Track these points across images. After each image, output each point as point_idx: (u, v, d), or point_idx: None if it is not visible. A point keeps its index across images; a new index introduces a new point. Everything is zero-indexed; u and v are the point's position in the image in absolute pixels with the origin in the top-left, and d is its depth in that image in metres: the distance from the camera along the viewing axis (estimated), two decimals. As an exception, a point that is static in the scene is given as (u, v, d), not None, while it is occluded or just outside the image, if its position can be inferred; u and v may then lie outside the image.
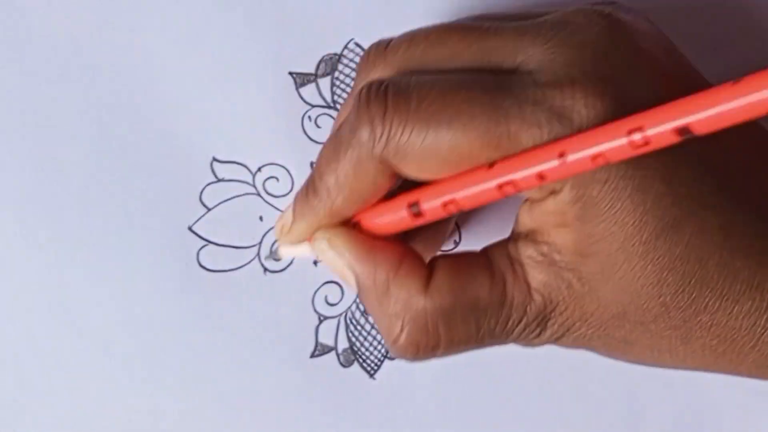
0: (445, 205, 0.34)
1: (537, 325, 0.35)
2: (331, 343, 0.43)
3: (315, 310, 0.43)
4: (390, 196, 0.35)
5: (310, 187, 0.36)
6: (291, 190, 0.43)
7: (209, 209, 0.42)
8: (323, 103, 0.42)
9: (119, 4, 0.42)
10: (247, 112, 0.42)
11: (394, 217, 0.35)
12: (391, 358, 0.43)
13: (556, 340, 0.36)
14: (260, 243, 0.43)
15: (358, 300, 0.43)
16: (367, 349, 0.43)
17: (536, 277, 0.34)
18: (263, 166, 0.42)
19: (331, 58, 0.42)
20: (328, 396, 0.43)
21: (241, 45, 0.42)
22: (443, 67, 0.34)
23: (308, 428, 0.43)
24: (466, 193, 0.33)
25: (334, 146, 0.34)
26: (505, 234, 0.36)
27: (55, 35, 0.41)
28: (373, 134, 0.33)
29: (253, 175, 0.42)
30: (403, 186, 0.35)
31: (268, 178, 0.42)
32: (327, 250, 0.36)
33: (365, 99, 0.33)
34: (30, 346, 0.42)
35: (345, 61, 0.42)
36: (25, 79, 0.41)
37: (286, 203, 0.42)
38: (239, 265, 0.42)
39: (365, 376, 0.43)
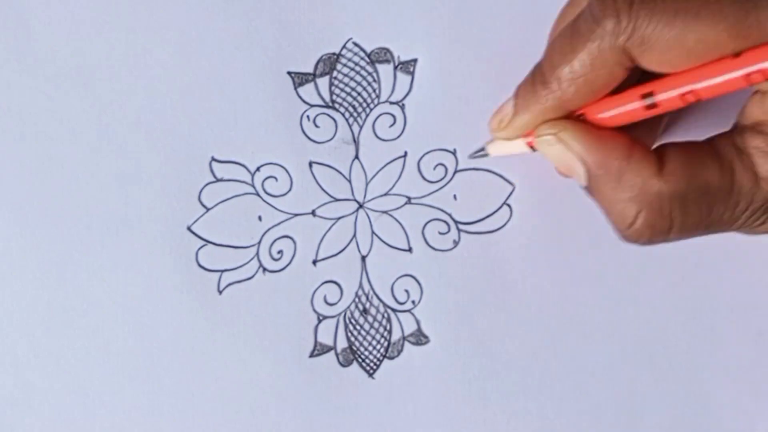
0: (683, 95, 0.34)
1: (763, 212, 0.36)
2: (330, 342, 0.43)
3: (314, 310, 0.43)
4: (614, 90, 0.36)
5: (538, 77, 0.36)
6: (290, 190, 0.42)
7: (208, 209, 0.42)
8: (322, 103, 0.42)
9: (118, 4, 0.42)
10: (245, 111, 0.42)
11: (624, 110, 0.36)
12: (390, 358, 0.43)
13: None
14: (259, 242, 0.43)
15: (357, 299, 0.43)
16: (366, 349, 0.43)
17: (763, 166, 0.35)
18: (262, 165, 0.42)
19: (329, 58, 0.42)
20: (327, 395, 0.43)
21: (240, 45, 0.42)
22: None
23: (307, 427, 0.43)
24: (709, 83, 0.33)
25: (570, 36, 0.35)
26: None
27: (55, 35, 0.42)
28: (618, 25, 0.33)
29: (252, 175, 0.42)
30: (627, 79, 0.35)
31: (267, 178, 0.42)
32: (554, 143, 0.36)
33: None
34: (30, 346, 0.42)
35: (343, 60, 0.42)
36: (24, 79, 0.42)
37: (285, 203, 0.42)
38: (238, 264, 0.42)
39: (364, 375, 0.43)
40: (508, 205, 0.43)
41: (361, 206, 0.43)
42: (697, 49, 0.33)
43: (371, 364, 0.43)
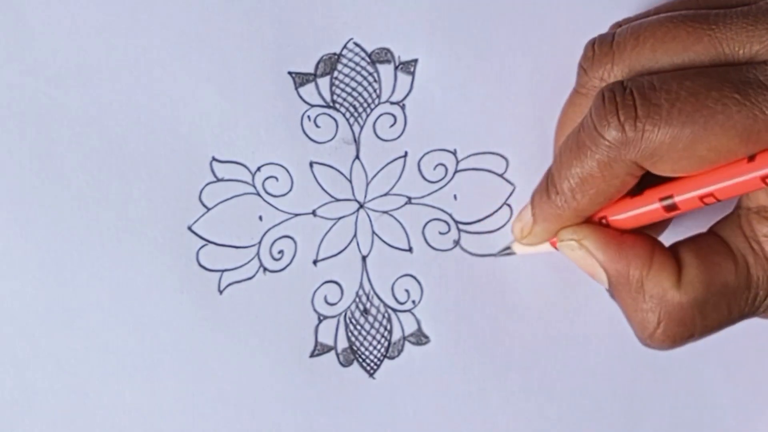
0: (701, 198, 0.35)
1: None
2: (330, 342, 0.43)
3: (314, 310, 0.43)
4: (631, 191, 0.36)
5: (551, 188, 0.36)
6: (290, 190, 0.42)
7: (209, 209, 0.42)
8: (322, 103, 0.42)
9: (118, 4, 0.42)
10: (246, 111, 0.42)
11: (644, 211, 0.36)
12: (391, 358, 0.43)
13: None
14: (260, 242, 0.43)
15: (357, 299, 0.43)
16: (366, 349, 0.43)
17: None
18: (262, 165, 0.42)
19: (330, 58, 0.42)
20: (328, 395, 0.43)
21: (241, 45, 0.42)
22: (676, 62, 0.34)
23: (307, 427, 0.43)
24: (726, 185, 0.34)
25: (576, 147, 0.35)
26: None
27: (55, 35, 0.42)
28: (624, 139, 0.33)
29: (253, 175, 0.42)
30: (643, 180, 0.36)
31: (268, 178, 0.42)
32: (576, 248, 0.37)
33: (610, 103, 0.34)
34: (30, 346, 0.42)
35: (344, 60, 0.42)
36: (24, 79, 0.41)
37: (285, 203, 0.42)
38: (239, 264, 0.42)
39: (365, 375, 0.43)
40: (509, 206, 0.43)
41: (361, 206, 0.43)
42: (708, 157, 0.33)
43: (372, 364, 0.43)
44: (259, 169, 0.42)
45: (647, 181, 0.36)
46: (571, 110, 0.38)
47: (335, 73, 0.42)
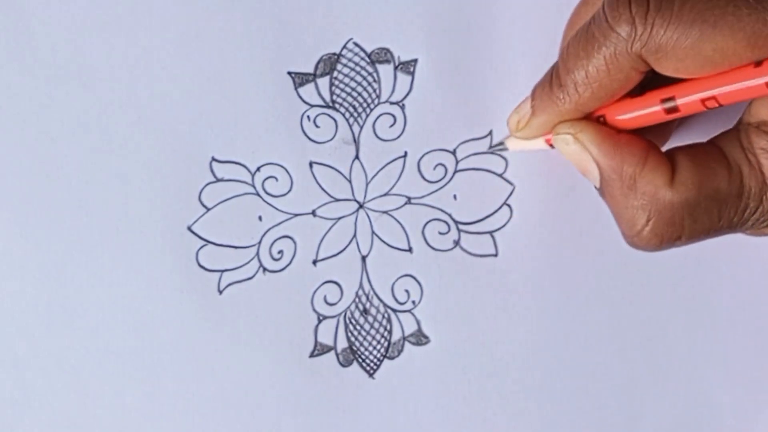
0: (704, 101, 0.35)
1: None
2: (330, 342, 0.43)
3: (314, 310, 0.43)
4: (633, 92, 0.36)
5: (555, 81, 0.36)
6: (290, 190, 0.42)
7: (208, 209, 0.42)
8: (322, 103, 0.42)
9: (118, 4, 0.42)
10: (245, 111, 0.42)
11: (644, 113, 0.36)
12: (391, 358, 0.43)
13: None
14: (259, 243, 0.43)
15: (357, 300, 0.43)
16: (366, 349, 0.43)
17: None
18: (262, 165, 0.42)
19: (329, 58, 0.42)
20: (328, 395, 0.43)
21: (240, 45, 0.42)
22: None
23: (307, 427, 0.43)
24: (730, 89, 0.34)
25: (585, 41, 0.35)
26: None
27: (55, 35, 0.41)
28: (634, 32, 0.34)
29: (252, 175, 0.42)
30: (648, 82, 0.36)
31: (267, 178, 0.42)
32: (572, 143, 0.37)
33: None
34: (29, 345, 0.42)
35: (344, 60, 0.42)
36: (24, 78, 0.41)
37: (285, 203, 0.42)
38: (238, 264, 0.42)
39: (364, 375, 0.43)
40: (508, 205, 0.43)
41: (361, 206, 0.43)
42: (714, 58, 0.33)
43: (371, 365, 0.43)
44: (258, 169, 0.42)
45: (650, 87, 0.36)
46: (583, 9, 0.39)
47: (335, 73, 0.42)
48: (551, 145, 0.38)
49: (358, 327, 0.43)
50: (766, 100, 0.35)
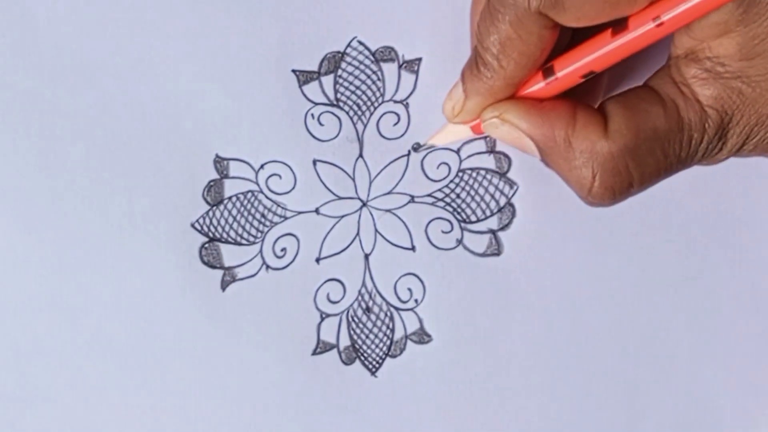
0: (579, 70, 0.36)
1: (718, 139, 0.36)
2: (332, 340, 0.43)
3: (317, 308, 0.43)
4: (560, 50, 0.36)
5: (478, 61, 0.36)
6: (293, 188, 0.42)
7: (212, 206, 0.42)
8: (326, 101, 0.42)
9: (122, 1, 0.42)
10: (250, 109, 0.42)
11: (566, 79, 0.36)
12: (393, 356, 0.43)
13: (738, 151, 0.36)
14: (263, 240, 0.43)
15: (360, 298, 0.43)
16: (368, 347, 0.43)
17: (705, 93, 0.35)
18: (266, 163, 0.42)
19: (334, 56, 0.42)
20: (330, 393, 0.43)
21: (245, 43, 0.42)
22: None
23: (309, 426, 0.43)
24: (632, 35, 0.34)
25: (490, 15, 0.35)
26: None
27: (60, 33, 0.41)
28: None
29: (256, 173, 0.42)
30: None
31: (271, 176, 0.42)
32: (500, 125, 0.37)
33: None
34: (32, 343, 0.42)
35: (348, 59, 0.42)
36: (28, 77, 0.41)
37: (288, 200, 0.42)
38: (241, 262, 0.42)
39: (367, 373, 0.43)
40: (512, 205, 0.43)
41: (364, 204, 0.43)
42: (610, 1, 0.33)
43: (374, 363, 0.43)
44: (262, 166, 0.42)
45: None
46: None
47: (339, 72, 0.42)
48: (481, 134, 0.39)
49: (360, 325, 0.43)
50: (689, 28, 0.35)
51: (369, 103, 0.43)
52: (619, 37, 0.34)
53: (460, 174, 0.43)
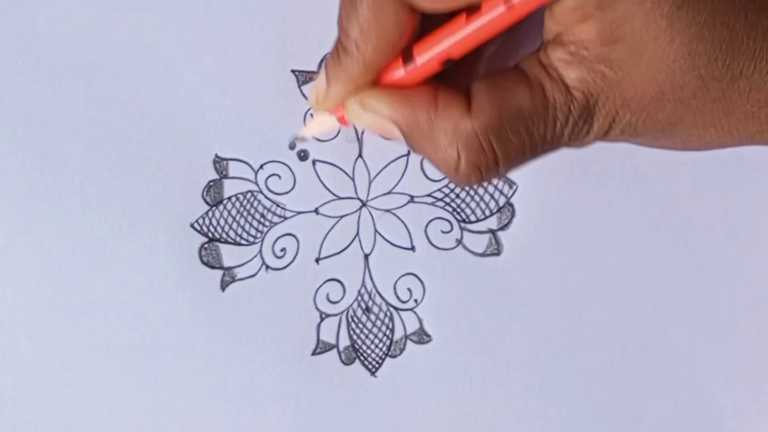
0: (440, 58, 0.35)
1: (584, 121, 0.36)
2: (332, 340, 0.43)
3: (316, 308, 0.43)
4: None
5: (339, 47, 0.36)
6: (293, 188, 0.43)
7: (211, 206, 0.42)
8: (326, 101, 0.42)
9: (122, 2, 0.42)
10: (249, 109, 0.42)
11: (426, 65, 0.36)
12: (393, 356, 0.43)
13: (605, 134, 0.36)
14: (262, 240, 0.43)
15: (360, 298, 0.43)
16: (368, 347, 0.43)
17: (570, 75, 0.35)
18: (265, 163, 0.42)
19: (333, 56, 0.42)
20: (329, 393, 0.43)
21: (244, 43, 0.42)
22: None
23: (309, 425, 0.43)
24: (481, 22, 0.34)
25: (348, 2, 0.35)
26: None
27: (58, 33, 0.42)
28: None
29: (256, 173, 0.42)
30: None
31: (270, 176, 0.42)
32: (362, 113, 0.37)
33: None
34: (31, 343, 0.42)
35: (348, 59, 0.42)
36: (28, 77, 0.41)
37: (288, 200, 0.42)
38: (241, 262, 0.42)
39: (366, 374, 0.43)
40: (511, 205, 0.43)
41: (364, 204, 0.43)
42: None
43: (373, 363, 0.43)
44: (261, 166, 0.42)
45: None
46: None
47: (339, 72, 0.42)
48: (346, 124, 0.38)
49: (360, 325, 0.43)
50: (553, 13, 0.35)
51: (368, 103, 0.43)
52: (473, 21, 0.35)
53: (460, 174, 0.43)
